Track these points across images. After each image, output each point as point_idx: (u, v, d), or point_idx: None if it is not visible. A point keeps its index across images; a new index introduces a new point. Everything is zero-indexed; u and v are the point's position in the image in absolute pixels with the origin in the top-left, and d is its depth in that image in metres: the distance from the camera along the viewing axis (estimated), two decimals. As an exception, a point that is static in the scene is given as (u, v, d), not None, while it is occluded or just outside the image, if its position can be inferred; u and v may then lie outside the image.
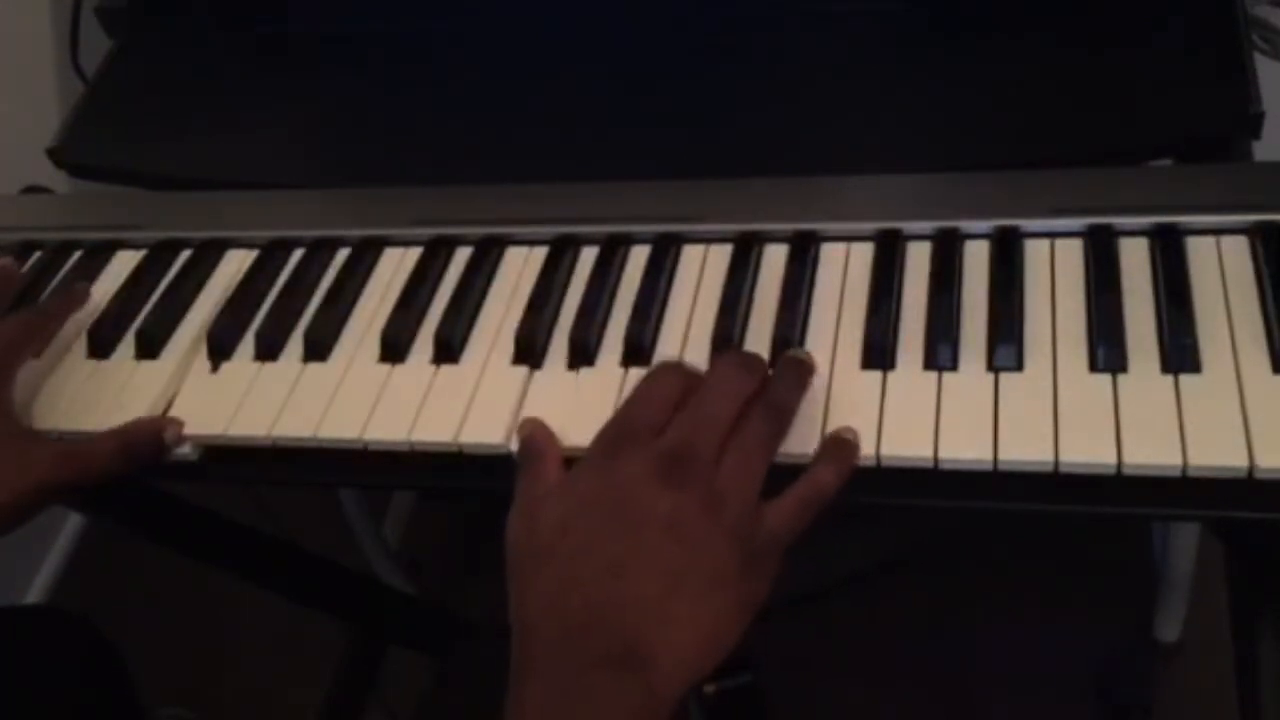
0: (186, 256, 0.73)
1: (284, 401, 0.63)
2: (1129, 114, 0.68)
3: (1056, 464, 0.52)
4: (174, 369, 0.66)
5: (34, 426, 0.64)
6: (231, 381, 0.65)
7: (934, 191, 0.65)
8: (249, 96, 0.85)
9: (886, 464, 0.54)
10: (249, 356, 0.66)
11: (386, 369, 0.63)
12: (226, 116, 0.83)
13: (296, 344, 0.66)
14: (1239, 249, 0.59)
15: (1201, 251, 0.59)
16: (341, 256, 0.70)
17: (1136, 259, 0.59)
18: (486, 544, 0.59)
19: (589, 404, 0.59)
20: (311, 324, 0.66)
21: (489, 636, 1.24)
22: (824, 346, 0.59)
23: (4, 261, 0.73)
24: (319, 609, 1.19)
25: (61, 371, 0.67)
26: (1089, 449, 0.52)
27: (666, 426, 0.53)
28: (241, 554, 1.06)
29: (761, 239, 0.65)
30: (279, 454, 0.62)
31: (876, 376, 0.57)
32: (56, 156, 0.83)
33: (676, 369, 0.56)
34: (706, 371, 0.56)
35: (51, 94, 1.05)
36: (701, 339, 0.61)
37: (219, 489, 0.95)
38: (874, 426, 0.55)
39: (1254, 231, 0.59)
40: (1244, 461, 0.50)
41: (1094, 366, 0.55)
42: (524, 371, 0.61)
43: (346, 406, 0.62)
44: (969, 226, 0.62)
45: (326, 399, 0.62)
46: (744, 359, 0.56)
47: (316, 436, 0.61)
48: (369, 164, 0.78)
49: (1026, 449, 0.52)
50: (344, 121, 0.81)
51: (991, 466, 0.53)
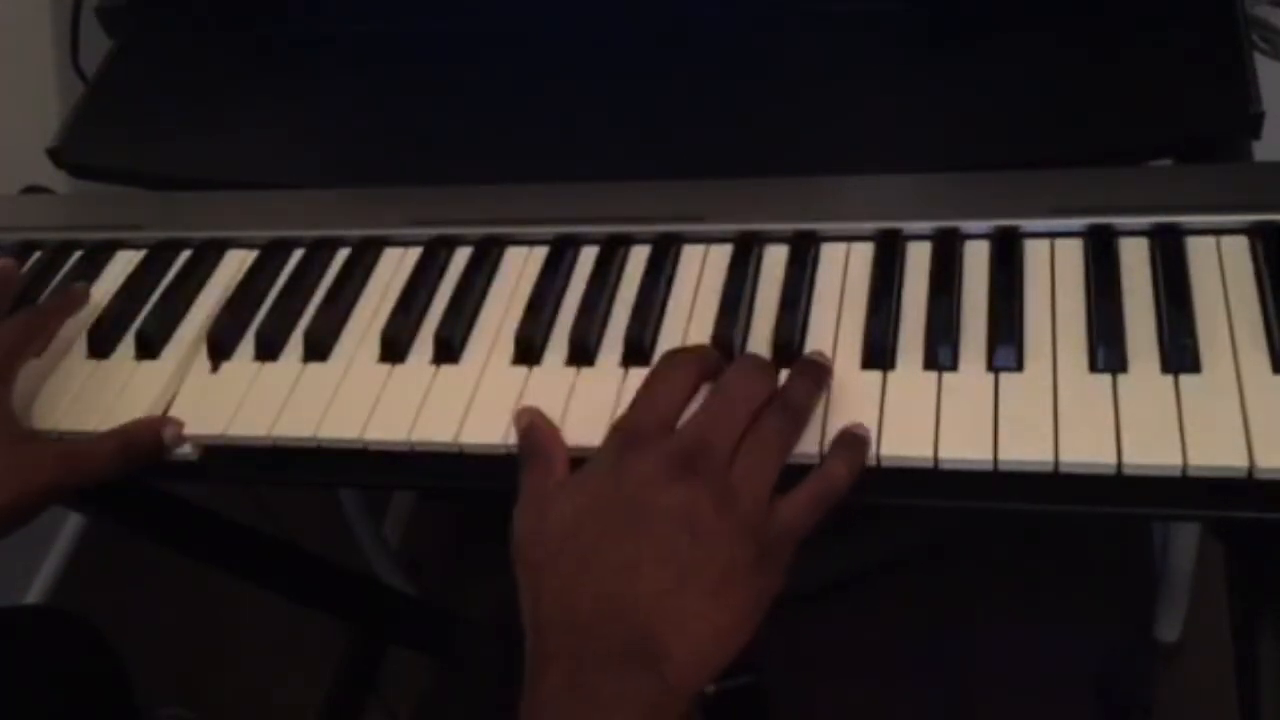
0: (186, 256, 0.73)
1: (284, 401, 0.63)
2: (1129, 114, 0.68)
3: (1056, 464, 0.52)
4: (174, 369, 0.66)
5: (34, 426, 0.64)
6: (231, 381, 0.65)
7: (934, 191, 0.65)
8: (249, 96, 0.85)
9: (886, 464, 0.54)
10: (249, 356, 0.66)
11: (386, 369, 0.63)
12: (226, 116, 0.83)
13: (296, 344, 0.66)
14: (1239, 249, 0.59)
15: (1201, 251, 0.59)
16: (341, 256, 0.70)
17: (1136, 259, 0.59)
18: (486, 544, 0.58)
19: (589, 404, 0.59)
20: (311, 324, 0.66)
21: (489, 636, 1.24)
22: (824, 346, 0.59)
23: (4, 262, 0.73)
24: (319, 609, 1.19)
25: (61, 371, 0.67)
26: (1089, 449, 0.52)
27: (678, 423, 0.53)
28: (241, 554, 1.06)
29: (761, 239, 0.65)
30: (279, 454, 0.62)
31: (876, 376, 0.57)
32: (56, 156, 0.83)
33: (686, 364, 0.56)
34: (723, 374, 0.56)
35: (51, 94, 1.05)
36: (701, 339, 0.61)
37: (219, 489, 0.95)
38: (874, 426, 0.55)
39: (1254, 231, 0.59)
40: (1244, 461, 0.50)
41: (1094, 366, 0.55)
42: (524, 371, 0.61)
43: (346, 406, 0.62)
44: (969, 226, 0.62)
45: (326, 399, 0.62)
46: (759, 363, 0.57)
47: (316, 436, 0.61)
48: (369, 164, 0.78)
49: (1026, 449, 0.52)
50: (343, 121, 0.81)
51: (991, 466, 0.53)
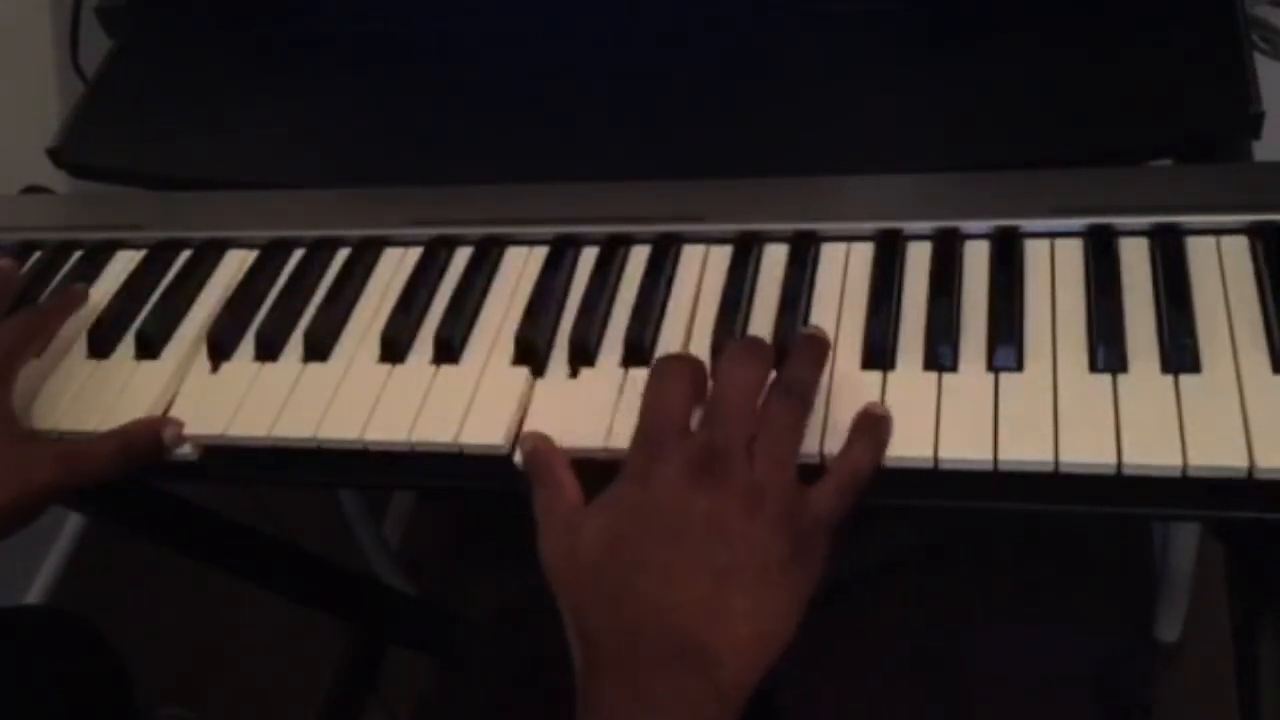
0: (186, 256, 0.73)
1: (284, 402, 0.63)
2: (1129, 114, 0.68)
3: (1056, 464, 0.52)
4: (174, 369, 0.66)
5: (34, 426, 0.64)
6: (231, 381, 0.65)
7: (934, 191, 0.65)
8: (249, 96, 0.85)
9: (887, 464, 0.54)
10: (249, 356, 0.66)
11: (386, 369, 0.63)
12: (226, 116, 0.83)
13: (296, 344, 0.66)
14: (1239, 249, 0.59)
15: (1201, 251, 0.59)
16: (341, 256, 0.70)
17: (1136, 259, 0.59)
18: (486, 544, 0.59)
19: (589, 404, 0.59)
20: (311, 324, 0.66)
21: (489, 636, 1.24)
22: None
23: (3, 262, 0.73)
24: (319, 609, 1.19)
25: (61, 371, 0.67)
26: (1089, 449, 0.52)
27: (691, 423, 0.53)
28: (241, 554, 1.06)
29: (761, 239, 0.65)
30: (279, 454, 0.62)
31: (876, 376, 0.57)
32: (56, 156, 0.83)
33: (681, 362, 0.56)
34: (716, 366, 0.56)
35: (51, 94, 1.05)
36: (702, 339, 0.61)
37: (219, 489, 0.95)
38: (874, 426, 0.54)
39: (1254, 231, 0.59)
40: (1244, 461, 0.50)
41: (1094, 366, 0.55)
42: (524, 372, 0.61)
43: (346, 406, 0.62)
44: (969, 226, 0.62)
45: (326, 399, 0.62)
46: (751, 345, 0.56)
47: (316, 436, 0.61)
48: (369, 164, 0.78)
49: (1026, 449, 0.52)
50: (343, 121, 0.81)
51: (991, 466, 0.53)
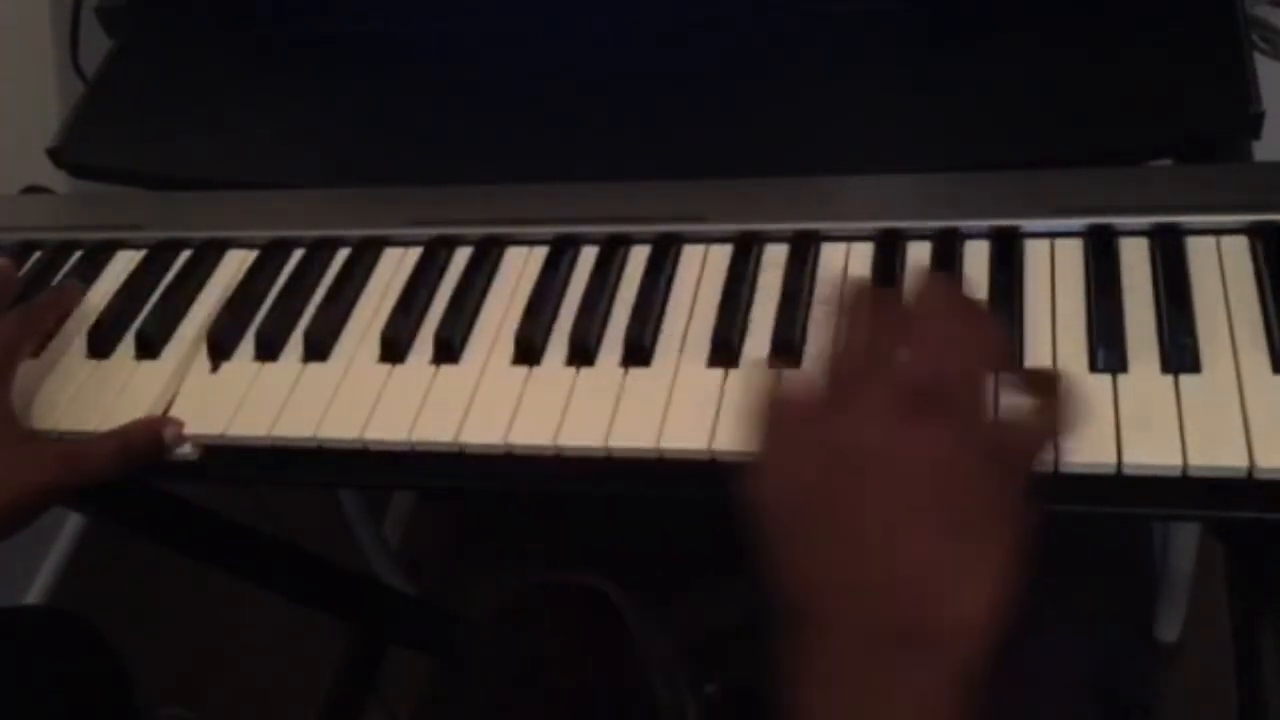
0: (186, 256, 0.73)
1: (284, 401, 0.63)
2: (1129, 114, 0.68)
3: (1057, 464, 0.52)
4: (174, 369, 0.66)
5: (34, 426, 0.64)
6: (231, 381, 0.65)
7: (934, 191, 0.65)
8: (249, 96, 0.85)
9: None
10: (249, 356, 0.66)
11: (386, 369, 0.63)
12: (226, 116, 0.83)
13: (296, 344, 0.66)
14: (1239, 249, 0.59)
15: (1201, 251, 0.59)
16: (341, 256, 0.70)
17: (1136, 259, 0.59)
18: (486, 544, 0.58)
19: (589, 404, 0.59)
20: (311, 324, 0.66)
21: (489, 636, 1.24)
22: (823, 347, 0.59)
23: (2, 262, 0.73)
24: (319, 609, 1.19)
25: (61, 371, 0.67)
26: (1089, 449, 0.52)
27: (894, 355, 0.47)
28: (241, 554, 1.06)
29: (761, 239, 0.65)
30: (279, 454, 0.62)
31: (876, 376, 0.57)
32: (56, 156, 0.83)
33: (880, 289, 0.53)
34: (920, 294, 0.50)
35: (51, 94, 1.05)
36: (701, 339, 0.61)
37: (219, 489, 0.95)
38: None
39: (1254, 231, 0.59)
40: (1244, 461, 0.50)
41: (1094, 367, 0.55)
42: (524, 372, 0.61)
43: (346, 406, 0.62)
44: (969, 226, 0.62)
45: (326, 399, 0.62)
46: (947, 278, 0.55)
47: (316, 436, 0.61)
48: (369, 164, 0.78)
49: (1026, 449, 0.52)
50: (343, 121, 0.81)
51: (991, 466, 0.52)
